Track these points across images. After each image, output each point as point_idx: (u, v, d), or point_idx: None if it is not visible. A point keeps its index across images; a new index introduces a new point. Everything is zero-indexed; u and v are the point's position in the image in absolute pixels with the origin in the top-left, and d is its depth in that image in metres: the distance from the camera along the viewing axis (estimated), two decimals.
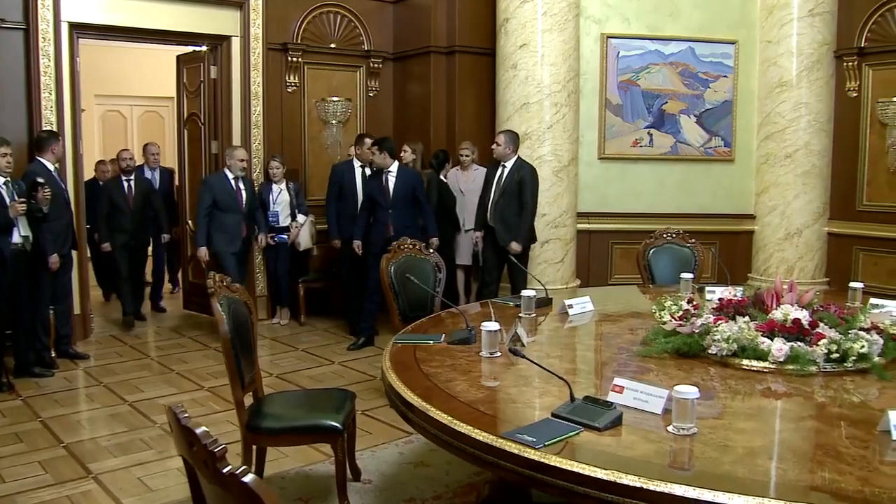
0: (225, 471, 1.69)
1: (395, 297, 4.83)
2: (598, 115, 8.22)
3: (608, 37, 8.20)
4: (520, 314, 4.24)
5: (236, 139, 8.15)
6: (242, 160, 7.49)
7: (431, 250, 5.19)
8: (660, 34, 8.31)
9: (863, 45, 8.08)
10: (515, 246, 6.71)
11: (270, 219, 7.92)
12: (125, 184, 8.06)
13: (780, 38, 8.17)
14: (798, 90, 8.10)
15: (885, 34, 7.94)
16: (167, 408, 1.95)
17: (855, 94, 8.21)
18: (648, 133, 8.35)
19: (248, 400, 3.88)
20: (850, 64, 8.16)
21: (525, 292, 4.34)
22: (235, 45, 8.11)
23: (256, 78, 8.16)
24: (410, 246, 5.07)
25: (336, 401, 3.99)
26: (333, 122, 8.63)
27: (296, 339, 7.64)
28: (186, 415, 1.88)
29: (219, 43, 8.13)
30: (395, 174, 7.05)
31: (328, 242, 7.83)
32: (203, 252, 7.39)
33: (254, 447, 3.87)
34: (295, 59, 8.41)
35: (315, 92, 8.63)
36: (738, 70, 8.47)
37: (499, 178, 6.91)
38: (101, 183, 8.64)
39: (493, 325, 3.41)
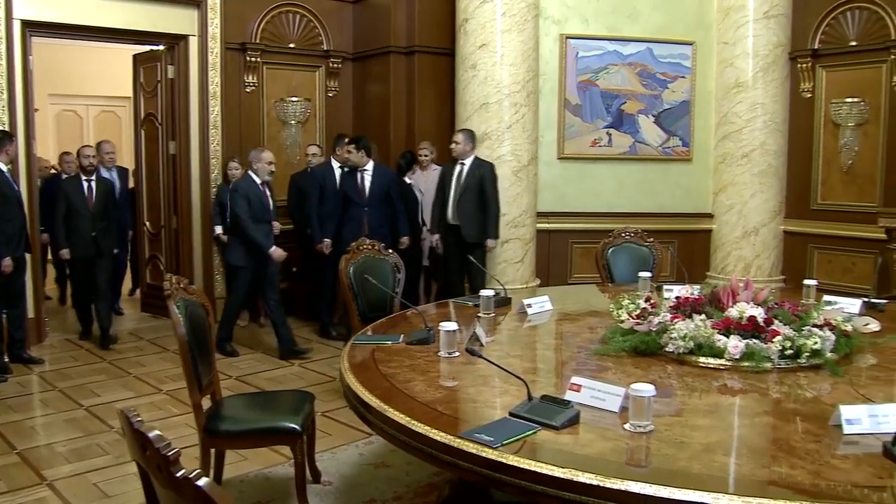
0: (179, 475, 1.67)
1: (355, 298, 4.81)
2: (558, 115, 8.26)
3: (567, 37, 8.24)
4: (479, 314, 4.25)
5: (194, 140, 8.08)
6: (271, 163, 6.99)
7: (391, 251, 5.17)
8: (618, 35, 8.37)
9: (816, 47, 8.22)
10: (492, 243, 6.93)
11: (229, 220, 7.85)
12: (85, 184, 7.25)
13: (736, 39, 8.28)
14: (754, 91, 8.22)
15: (838, 36, 8.08)
16: (119, 412, 1.92)
17: (809, 95, 8.34)
18: (607, 133, 8.40)
19: (207, 403, 3.84)
20: (805, 65, 8.29)
21: (484, 292, 4.34)
22: (193, 44, 8.04)
23: (215, 78, 8.09)
24: (369, 246, 5.05)
25: (295, 402, 3.97)
26: (293, 122, 8.59)
27: (255, 340, 7.58)
28: (140, 419, 1.85)
29: (176, 42, 8.05)
30: (370, 172, 7.18)
31: (296, 244, 7.82)
32: (278, 253, 6.89)
33: (212, 450, 3.84)
34: (253, 59, 8.34)
35: (274, 92, 8.58)
36: (695, 71, 8.56)
37: (458, 176, 6.97)
38: (64, 177, 8.16)
39: (451, 325, 3.41)
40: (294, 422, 3.70)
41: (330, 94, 8.94)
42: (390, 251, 5.16)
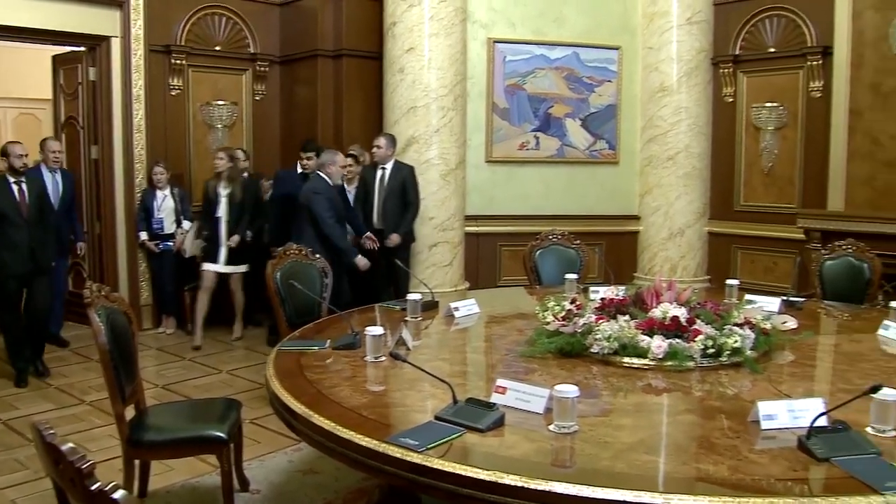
0: (93, 488, 1.63)
1: (282, 303, 4.76)
2: (486, 118, 8.32)
3: (495, 41, 8.30)
4: (406, 318, 4.25)
5: (118, 144, 7.90)
6: (344, 166, 6.71)
7: (318, 256, 5.13)
8: (545, 39, 8.46)
9: (737, 53, 8.44)
10: (395, 237, 6.89)
11: (155, 226, 7.72)
12: (15, 188, 6.22)
13: (660, 44, 8.44)
14: (678, 95, 8.39)
15: (758, 43, 8.31)
16: (32, 425, 1.87)
17: (731, 100, 8.56)
18: (535, 136, 8.48)
19: (132, 413, 3.76)
20: (726, 70, 8.51)
21: (411, 296, 4.35)
22: (115, 45, 7.85)
23: (138, 80, 7.92)
24: (296, 252, 5.01)
25: (221, 410, 3.91)
26: (219, 126, 8.49)
27: (182, 348, 7.45)
28: (52, 431, 1.81)
29: (97, 43, 7.86)
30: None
31: None
32: (364, 262, 6.51)
33: (136, 462, 3.76)
34: (178, 62, 8.21)
35: (200, 95, 8.45)
36: (621, 75, 8.69)
37: (381, 181, 7.00)
38: None
39: (377, 330, 3.41)
40: (220, 430, 3.65)
41: (257, 98, 8.84)
42: (317, 256, 5.12)
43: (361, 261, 6.44)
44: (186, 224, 7.85)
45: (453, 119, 7.55)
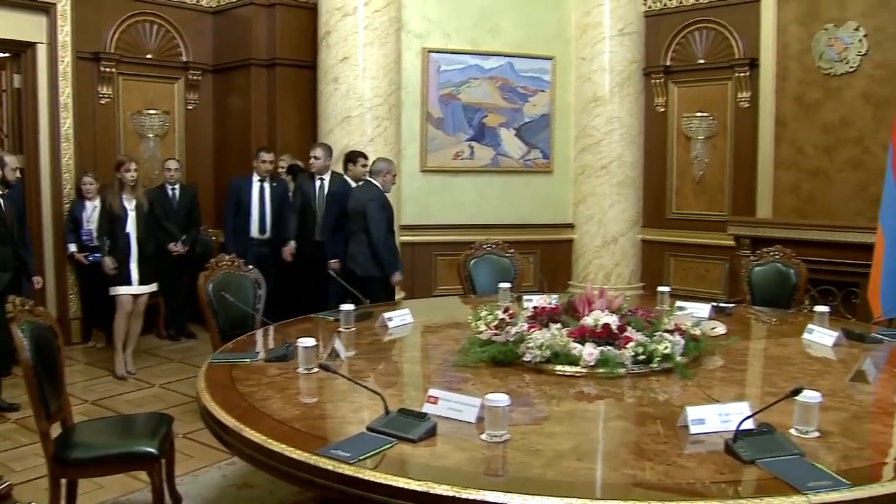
0: None
1: (214, 315, 4.70)
2: (420, 128, 8.33)
3: (429, 51, 8.33)
4: (339, 328, 4.22)
5: (44, 153, 7.70)
6: (395, 175, 6.63)
7: (251, 267, 5.07)
8: (480, 49, 8.51)
9: (668, 64, 8.61)
10: (335, 263, 6.62)
11: (84, 237, 7.53)
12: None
13: (593, 55, 8.57)
14: (611, 105, 8.52)
15: (688, 54, 8.49)
16: None
17: (662, 109, 8.72)
18: (469, 146, 8.53)
19: (59, 430, 3.67)
20: (658, 81, 8.67)
21: (344, 306, 4.32)
22: (41, 52, 7.64)
23: (65, 88, 7.72)
24: (228, 262, 4.95)
25: (151, 425, 3.84)
26: (150, 135, 8.35)
27: (113, 362, 7.28)
28: None
29: (22, 50, 7.65)
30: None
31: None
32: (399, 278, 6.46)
33: (63, 480, 3.66)
34: (108, 70, 8.05)
35: (130, 104, 8.30)
36: (555, 85, 8.79)
37: (321, 192, 6.94)
38: None
39: (309, 341, 3.38)
40: (150, 445, 3.58)
41: (190, 107, 8.72)
42: (250, 267, 5.06)
43: (398, 277, 6.40)
44: None
45: (388, 129, 7.55)
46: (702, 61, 8.42)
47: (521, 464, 2.45)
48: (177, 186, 7.78)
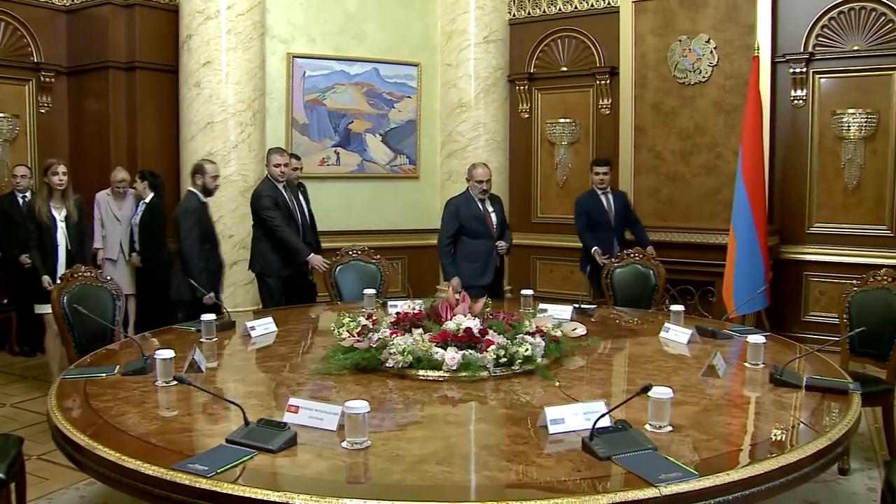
0: None
1: (70, 329, 4.51)
2: (285, 134, 8.25)
3: (294, 56, 8.26)
4: (200, 339, 4.13)
5: None
6: (481, 181, 6.46)
7: (110, 278, 4.90)
8: (345, 55, 8.50)
9: (532, 71, 8.81)
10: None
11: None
12: None
13: (459, 61, 8.68)
14: (476, 111, 8.65)
15: (551, 62, 8.72)
16: None
17: (527, 116, 8.92)
18: (335, 152, 8.50)
19: None
20: (522, 88, 8.86)
21: (205, 316, 4.23)
22: None
23: None
24: (86, 274, 4.76)
25: None
26: None
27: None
28: None
29: None
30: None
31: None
32: (456, 282, 6.10)
33: None
34: None
35: None
36: (421, 91, 8.86)
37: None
38: None
39: (167, 353, 3.29)
40: None
41: (42, 111, 8.32)
42: (109, 278, 4.89)
43: (455, 281, 6.18)
44: None
45: (252, 135, 7.45)
46: (564, 69, 8.66)
47: (381, 470, 2.45)
48: (27, 194, 7.43)
